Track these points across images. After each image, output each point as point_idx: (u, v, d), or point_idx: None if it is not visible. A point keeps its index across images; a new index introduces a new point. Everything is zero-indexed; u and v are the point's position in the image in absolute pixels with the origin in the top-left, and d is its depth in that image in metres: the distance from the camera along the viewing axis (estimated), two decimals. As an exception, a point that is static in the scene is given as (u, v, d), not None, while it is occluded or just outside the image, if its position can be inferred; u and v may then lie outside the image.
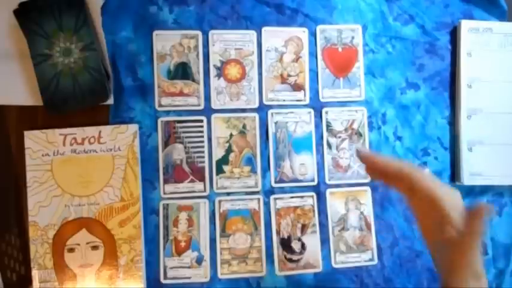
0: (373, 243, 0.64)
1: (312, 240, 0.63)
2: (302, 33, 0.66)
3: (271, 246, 0.63)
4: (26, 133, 0.60)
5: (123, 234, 0.59)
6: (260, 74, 0.65)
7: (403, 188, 0.46)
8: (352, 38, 0.67)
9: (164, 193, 0.62)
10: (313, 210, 0.64)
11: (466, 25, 0.67)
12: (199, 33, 0.64)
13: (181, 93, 0.63)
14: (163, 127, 0.63)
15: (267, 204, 0.63)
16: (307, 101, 0.66)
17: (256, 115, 0.64)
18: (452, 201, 0.44)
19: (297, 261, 0.63)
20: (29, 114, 0.61)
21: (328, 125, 0.66)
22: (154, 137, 0.62)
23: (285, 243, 0.63)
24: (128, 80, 0.63)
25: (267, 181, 0.64)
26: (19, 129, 0.60)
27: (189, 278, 0.61)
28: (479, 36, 0.67)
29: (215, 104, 0.64)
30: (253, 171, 0.64)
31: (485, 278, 0.41)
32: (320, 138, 0.65)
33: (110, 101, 0.61)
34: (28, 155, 0.59)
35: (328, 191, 0.65)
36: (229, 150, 0.63)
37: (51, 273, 0.58)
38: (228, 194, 0.63)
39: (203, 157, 0.63)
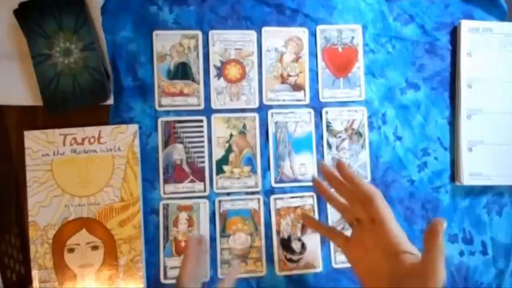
0: (373, 243, 0.64)
1: (312, 240, 0.63)
2: (302, 33, 0.66)
3: (271, 246, 0.63)
4: (26, 133, 0.60)
5: (123, 234, 0.59)
6: (260, 74, 0.65)
7: (365, 215, 0.49)
8: (352, 38, 0.67)
9: (164, 193, 0.62)
10: (313, 210, 0.64)
11: (466, 25, 0.67)
12: (199, 33, 0.64)
13: (181, 93, 0.63)
14: (163, 127, 0.63)
15: (267, 204, 0.63)
16: (307, 101, 0.66)
17: (256, 115, 0.64)
18: (402, 232, 0.47)
19: (297, 261, 0.63)
20: (29, 114, 0.61)
21: (328, 125, 0.66)
22: (154, 137, 0.62)
23: (285, 243, 0.63)
24: (128, 80, 0.63)
25: (267, 181, 0.64)
26: (19, 129, 0.60)
27: (189, 278, 0.61)
28: (479, 36, 0.67)
29: (215, 104, 0.64)
30: (253, 171, 0.64)
31: None
32: (320, 138, 0.65)
33: (110, 101, 0.61)
34: (28, 155, 0.59)
35: (328, 191, 0.65)
36: (229, 150, 0.64)
37: (51, 273, 0.58)
38: (228, 194, 0.63)
39: (203, 157, 0.63)
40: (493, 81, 0.67)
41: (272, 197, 0.63)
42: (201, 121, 0.63)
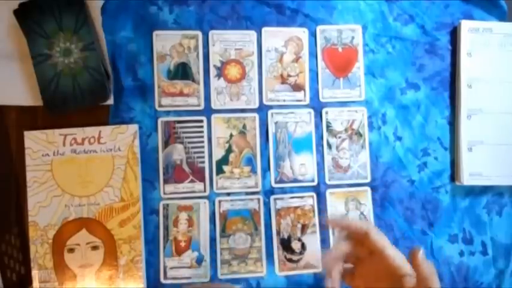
0: (373, 243, 0.64)
1: (312, 240, 0.63)
2: (302, 33, 0.66)
3: (271, 246, 0.63)
4: (26, 133, 0.60)
5: (123, 234, 0.59)
6: (260, 74, 0.65)
7: (363, 250, 0.51)
8: (352, 38, 0.67)
9: (164, 193, 0.62)
10: (313, 210, 0.64)
11: (466, 25, 0.67)
12: (199, 33, 0.64)
13: (181, 93, 0.63)
14: (163, 127, 0.63)
15: (267, 205, 0.63)
16: (307, 101, 0.66)
17: (256, 115, 0.64)
18: (401, 255, 0.49)
19: (297, 261, 0.63)
20: (29, 114, 0.61)
21: (328, 125, 0.66)
22: (154, 137, 0.62)
23: (285, 243, 0.63)
24: (128, 80, 0.63)
25: (267, 181, 0.64)
26: (19, 129, 0.60)
27: (189, 278, 0.61)
28: (479, 36, 0.67)
29: (215, 104, 0.64)
30: (253, 171, 0.64)
31: None
32: (320, 138, 0.65)
33: (110, 101, 0.61)
34: (28, 155, 0.59)
35: (328, 191, 0.65)
36: (229, 151, 0.64)
37: (51, 273, 0.58)
38: (228, 194, 0.63)
39: (203, 157, 0.63)
40: (493, 81, 0.67)
41: (272, 197, 0.63)
42: (201, 121, 0.63)
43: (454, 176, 0.67)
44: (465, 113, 0.66)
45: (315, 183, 0.64)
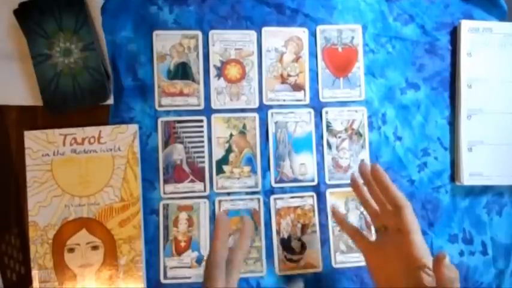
0: (373, 243, 0.64)
1: (312, 240, 0.63)
2: (302, 33, 0.66)
3: (271, 246, 0.63)
4: (26, 133, 0.60)
5: (123, 234, 0.59)
6: (260, 74, 0.65)
7: (392, 223, 0.49)
8: (352, 38, 0.67)
9: (164, 193, 0.62)
10: (313, 210, 0.64)
11: (466, 25, 0.67)
12: (199, 33, 0.64)
13: (181, 93, 0.63)
14: (163, 127, 0.63)
15: (267, 204, 0.63)
16: (307, 101, 0.66)
17: (256, 115, 0.64)
18: (425, 247, 0.47)
19: (297, 261, 0.63)
20: (29, 114, 0.61)
21: (328, 125, 0.66)
22: (154, 137, 0.62)
23: (285, 243, 0.63)
24: (128, 80, 0.63)
25: (267, 181, 0.64)
26: (19, 129, 0.60)
27: (189, 278, 0.61)
28: (479, 36, 0.67)
29: (215, 104, 0.64)
30: (253, 171, 0.64)
31: None
32: (320, 138, 0.65)
33: (110, 101, 0.61)
34: (28, 155, 0.59)
35: (328, 191, 0.65)
36: (229, 150, 0.64)
37: (51, 273, 0.58)
38: (228, 194, 0.63)
39: (203, 157, 0.63)
40: (493, 81, 0.67)
41: (272, 197, 0.63)
42: (201, 121, 0.63)
43: (454, 176, 0.67)
44: (465, 113, 0.66)
45: (315, 183, 0.64)
